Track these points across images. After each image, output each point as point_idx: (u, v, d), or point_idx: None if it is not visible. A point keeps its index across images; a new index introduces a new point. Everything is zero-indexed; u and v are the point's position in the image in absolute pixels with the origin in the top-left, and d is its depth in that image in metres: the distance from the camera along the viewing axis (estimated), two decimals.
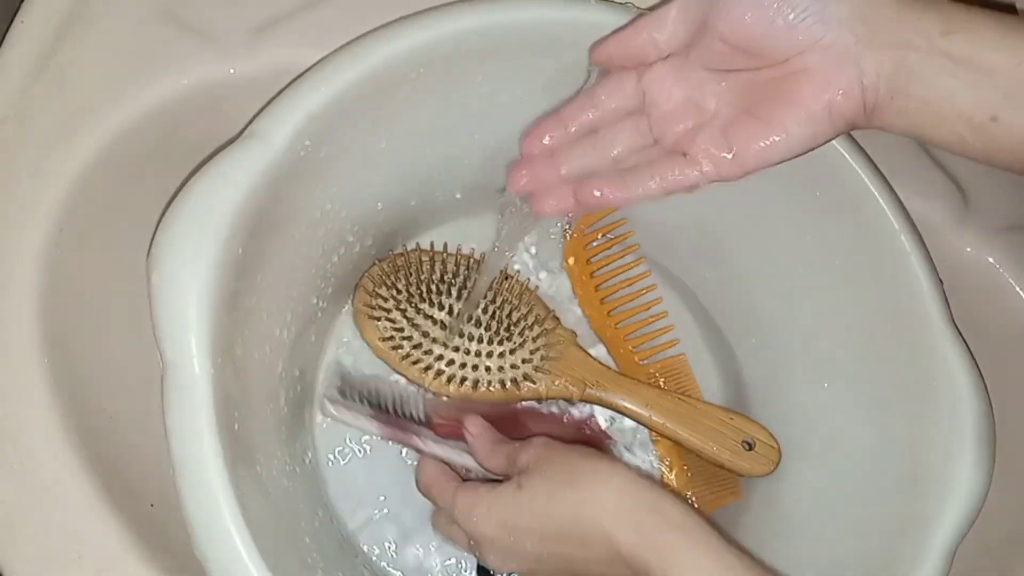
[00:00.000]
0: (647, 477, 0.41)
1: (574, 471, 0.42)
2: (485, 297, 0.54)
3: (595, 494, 0.41)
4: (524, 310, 0.55)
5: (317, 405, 0.54)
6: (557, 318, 0.56)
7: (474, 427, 0.49)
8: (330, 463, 0.54)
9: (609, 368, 0.55)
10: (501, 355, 0.53)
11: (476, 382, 0.53)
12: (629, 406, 0.54)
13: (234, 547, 0.36)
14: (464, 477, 0.49)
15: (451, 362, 0.53)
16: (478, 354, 0.53)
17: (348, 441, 0.55)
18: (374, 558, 0.53)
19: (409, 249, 0.57)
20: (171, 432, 0.36)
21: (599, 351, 0.60)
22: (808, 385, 0.55)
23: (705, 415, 0.54)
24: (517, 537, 0.42)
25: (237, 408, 0.40)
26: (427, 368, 0.53)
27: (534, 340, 0.54)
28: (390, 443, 0.52)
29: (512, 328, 0.54)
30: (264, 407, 0.44)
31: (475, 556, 0.46)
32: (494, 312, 0.54)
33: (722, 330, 0.61)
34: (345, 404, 0.50)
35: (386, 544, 0.53)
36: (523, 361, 0.54)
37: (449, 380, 0.53)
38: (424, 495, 0.49)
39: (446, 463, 0.50)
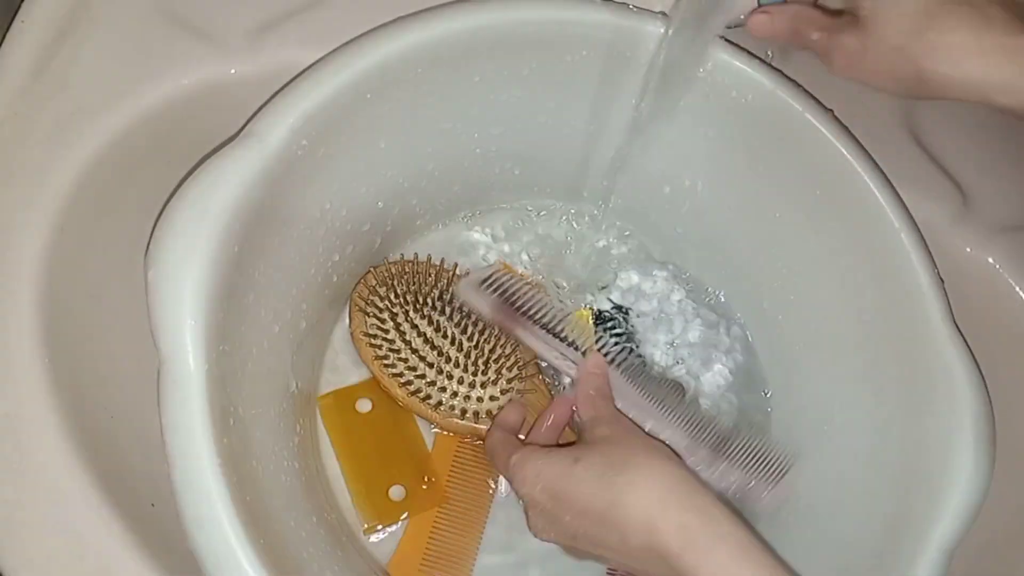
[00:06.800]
0: (703, 482, 0.41)
1: (630, 456, 0.42)
2: (475, 325, 0.54)
3: (646, 483, 0.40)
4: (508, 350, 0.54)
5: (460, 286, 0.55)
6: (539, 367, 0.55)
7: (596, 365, 0.51)
8: (329, 458, 0.54)
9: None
10: (471, 384, 0.53)
11: (439, 403, 0.53)
12: None
13: (227, 541, 0.36)
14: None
15: (421, 375, 0.52)
16: (448, 376, 0.53)
17: None
18: (370, 553, 0.53)
19: (416, 256, 0.57)
20: (166, 426, 0.37)
21: None
22: (808, 384, 0.55)
23: None
24: (559, 507, 0.42)
25: (233, 402, 0.40)
26: (397, 375, 0.53)
27: (508, 382, 0.53)
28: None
29: (490, 364, 0.53)
30: (262, 401, 0.44)
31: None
32: (478, 342, 0.53)
33: None
34: (474, 288, 0.54)
35: (383, 539, 0.53)
36: (491, 398, 0.53)
37: (413, 392, 0.52)
38: (489, 459, 0.49)
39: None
